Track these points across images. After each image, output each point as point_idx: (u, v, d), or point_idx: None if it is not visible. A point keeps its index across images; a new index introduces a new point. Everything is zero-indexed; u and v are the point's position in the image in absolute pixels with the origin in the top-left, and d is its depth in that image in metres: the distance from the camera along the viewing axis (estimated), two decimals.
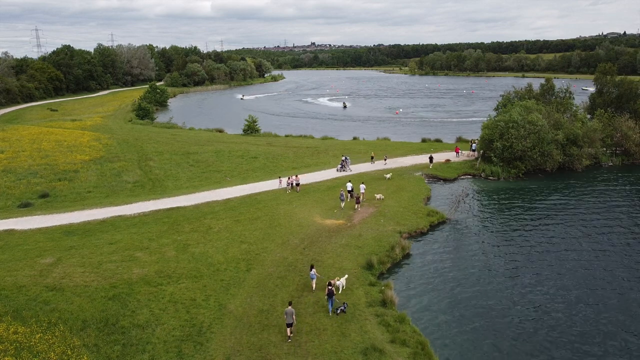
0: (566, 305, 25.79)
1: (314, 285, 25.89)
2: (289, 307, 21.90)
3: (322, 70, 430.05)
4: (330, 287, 23.54)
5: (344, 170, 50.74)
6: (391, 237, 32.97)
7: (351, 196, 40.80)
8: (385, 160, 54.46)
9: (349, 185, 41.80)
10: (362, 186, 41.58)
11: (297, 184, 44.14)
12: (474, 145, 58.16)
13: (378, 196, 41.57)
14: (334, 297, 23.62)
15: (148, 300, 24.50)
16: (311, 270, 25.93)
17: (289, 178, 44.66)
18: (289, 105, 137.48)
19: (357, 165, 53.63)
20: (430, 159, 53.52)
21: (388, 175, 48.38)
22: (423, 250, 32.81)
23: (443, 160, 55.12)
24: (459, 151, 58.11)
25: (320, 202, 40.86)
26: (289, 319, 21.61)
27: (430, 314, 24.93)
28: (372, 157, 55.20)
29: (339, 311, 23.45)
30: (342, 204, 39.39)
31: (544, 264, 30.57)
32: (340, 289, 25.51)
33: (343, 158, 52.18)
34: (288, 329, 21.60)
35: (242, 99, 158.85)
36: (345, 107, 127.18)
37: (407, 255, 31.70)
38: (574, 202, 42.86)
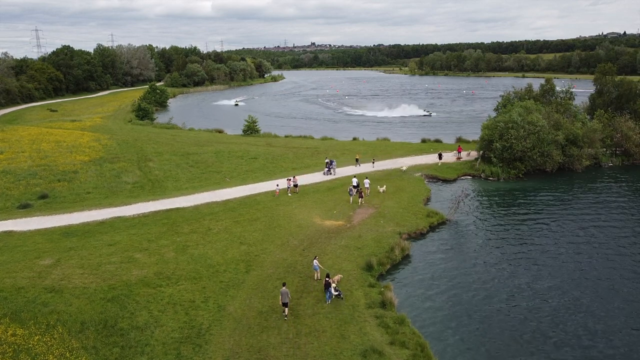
0: (567, 306, 25.73)
1: (317, 276, 27.07)
2: (284, 288, 23.37)
3: (322, 70, 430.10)
4: (327, 280, 24.91)
5: (330, 174, 49.86)
6: (391, 238, 32.91)
7: (357, 191, 41.92)
8: (373, 163, 53.46)
9: (355, 181, 43.06)
10: (367, 181, 43.33)
11: (296, 185, 43.87)
12: None
13: (381, 189, 43.11)
14: (330, 288, 24.82)
15: (147, 301, 24.46)
16: (314, 260, 27.43)
17: (288, 180, 44.29)
18: (316, 112, 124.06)
19: (348, 168, 52.80)
20: (440, 155, 54.88)
21: (404, 168, 50.91)
22: (423, 251, 32.75)
23: (455, 159, 56.15)
24: (461, 150, 58.21)
25: (320, 203, 40.81)
26: (284, 298, 23.14)
27: (430, 316, 24.88)
28: (357, 160, 54.10)
29: (341, 296, 24.86)
30: (351, 199, 41.00)
31: (544, 265, 30.51)
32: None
33: (327, 161, 51.21)
34: (285, 309, 23.20)
35: (236, 105, 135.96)
36: (430, 114, 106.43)
37: (406, 256, 31.64)
38: (574, 202, 42.79)
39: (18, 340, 20.93)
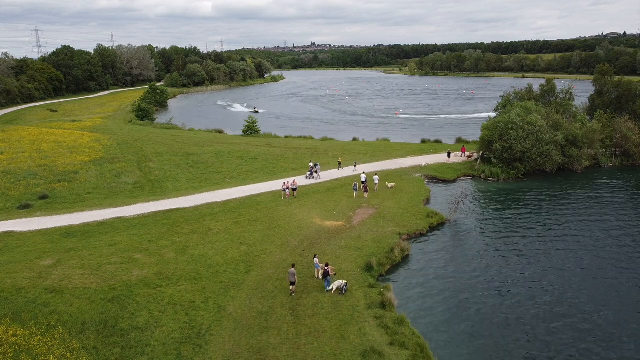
0: (567, 306, 25.78)
1: (317, 273, 27.40)
2: (292, 269, 25.46)
3: (322, 70, 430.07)
4: (326, 268, 26.04)
5: (312, 178, 48.46)
6: (390, 239, 32.96)
7: (364, 187, 42.85)
8: (355, 166, 52.01)
9: (363, 177, 44.06)
10: (376, 177, 44.68)
11: (294, 189, 42.69)
12: None
13: (390, 185, 44.46)
14: (329, 277, 25.96)
15: (147, 302, 24.50)
16: (315, 258, 27.90)
17: (284, 183, 43.13)
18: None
19: (332, 171, 51.40)
20: (449, 154, 56.48)
21: (424, 164, 53.13)
22: (422, 251, 32.80)
23: (466, 158, 57.18)
24: (464, 151, 58.37)
25: (320, 203, 40.84)
26: (292, 277, 25.25)
27: (430, 316, 24.93)
28: (339, 163, 52.67)
29: (343, 291, 25.43)
30: (355, 194, 42.35)
31: (544, 265, 30.55)
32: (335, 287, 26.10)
33: (311, 164, 50.01)
34: (291, 287, 25.33)
35: (255, 112, 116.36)
36: None
37: (406, 257, 31.70)
38: (573, 203, 42.84)
39: (19, 340, 20.99)
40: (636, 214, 39.86)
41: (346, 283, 25.96)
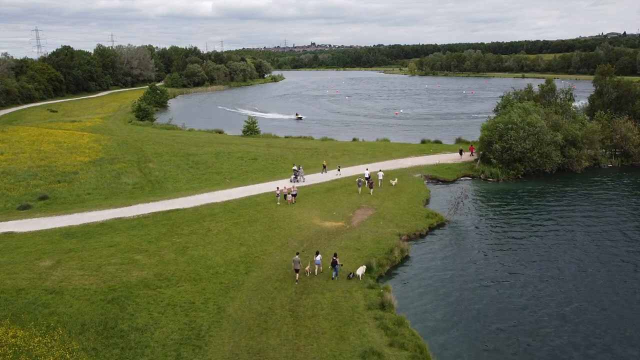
0: (568, 307, 25.79)
1: (317, 271, 27.83)
2: (296, 257, 26.86)
3: (322, 70, 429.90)
4: (334, 258, 27.37)
5: (297, 181, 47.41)
6: (390, 240, 32.98)
7: (368, 183, 43.72)
8: (339, 170, 50.99)
9: (367, 173, 45.17)
10: (380, 173, 45.98)
11: (294, 195, 41.20)
12: None
13: (393, 182, 45.56)
14: (337, 266, 27.24)
15: (147, 303, 24.52)
16: (316, 256, 28.03)
17: (277, 187, 42.30)
18: None
19: (315, 175, 50.39)
20: (460, 152, 57.61)
21: (437, 161, 55.08)
22: (422, 252, 32.81)
23: (476, 156, 57.18)
24: (473, 150, 58.28)
25: (320, 204, 40.86)
26: (296, 265, 26.61)
27: (429, 317, 24.94)
28: (324, 166, 51.90)
29: (352, 276, 27.27)
30: (360, 189, 43.51)
31: (544, 266, 30.56)
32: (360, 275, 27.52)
33: (295, 168, 49.17)
34: (297, 274, 26.78)
35: (299, 118, 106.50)
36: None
37: (406, 258, 31.71)
38: (573, 203, 42.85)
39: (18, 341, 21.01)
40: (636, 214, 39.87)
41: (351, 273, 27.51)
